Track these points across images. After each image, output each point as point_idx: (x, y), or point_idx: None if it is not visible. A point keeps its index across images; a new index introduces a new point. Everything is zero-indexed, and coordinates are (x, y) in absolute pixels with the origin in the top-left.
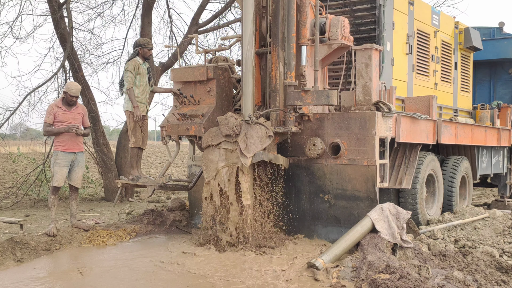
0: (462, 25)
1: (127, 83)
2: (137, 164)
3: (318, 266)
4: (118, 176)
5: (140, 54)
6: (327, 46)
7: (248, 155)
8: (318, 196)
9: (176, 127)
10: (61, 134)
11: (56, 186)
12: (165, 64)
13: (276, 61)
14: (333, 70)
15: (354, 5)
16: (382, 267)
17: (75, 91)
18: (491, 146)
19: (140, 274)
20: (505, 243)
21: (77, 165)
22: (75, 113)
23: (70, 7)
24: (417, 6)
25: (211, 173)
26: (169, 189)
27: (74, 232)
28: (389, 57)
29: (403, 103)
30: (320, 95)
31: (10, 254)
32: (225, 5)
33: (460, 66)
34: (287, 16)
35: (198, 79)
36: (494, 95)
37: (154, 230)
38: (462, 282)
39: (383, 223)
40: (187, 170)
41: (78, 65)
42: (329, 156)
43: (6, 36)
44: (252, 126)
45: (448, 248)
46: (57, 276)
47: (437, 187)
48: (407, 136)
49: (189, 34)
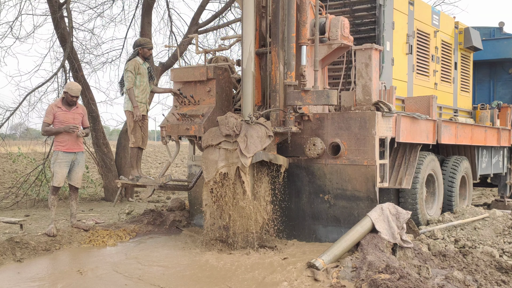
0: (462, 25)
1: (127, 83)
2: (137, 164)
3: (318, 266)
4: (118, 176)
5: (140, 54)
6: (327, 46)
7: (248, 155)
8: (318, 196)
9: (176, 127)
10: (61, 134)
11: (56, 186)
12: (165, 64)
13: (276, 61)
14: (333, 70)
15: (354, 5)
16: (382, 267)
17: (75, 91)
18: (491, 146)
19: (140, 274)
20: (505, 243)
21: (77, 165)
22: (75, 113)
23: (70, 7)
24: (417, 6)
25: (211, 173)
26: (169, 189)
27: (74, 232)
28: (389, 57)
29: (403, 103)
30: (320, 95)
31: (10, 254)
32: (225, 5)
33: (460, 66)
34: (287, 16)
35: (198, 79)
36: (494, 95)
37: (154, 230)
38: (462, 282)
39: (383, 223)
40: (187, 170)
41: (78, 65)
42: (329, 156)
43: (6, 36)
44: (252, 126)
45: (448, 248)
46: (57, 276)
47: (437, 187)
48: (407, 136)
49: (189, 34)
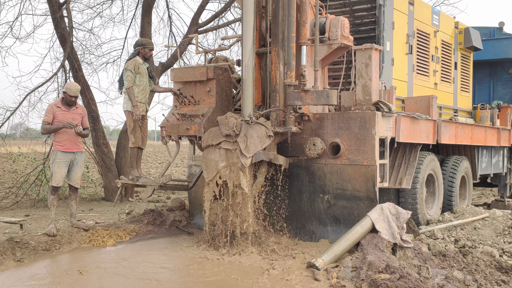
0: (462, 25)
1: (127, 82)
2: (137, 164)
3: (318, 266)
4: (118, 176)
5: (141, 54)
6: (327, 46)
7: (248, 155)
8: (318, 196)
9: (176, 127)
10: (60, 134)
11: (55, 186)
12: (165, 64)
13: (276, 61)
14: (333, 70)
15: (354, 5)
16: (382, 267)
17: (74, 91)
18: (491, 146)
19: (140, 274)
20: (505, 243)
21: (76, 165)
22: (74, 114)
23: (70, 7)
24: (417, 6)
25: (211, 173)
26: (169, 189)
27: (74, 232)
28: (389, 57)
29: (403, 103)
30: (320, 95)
31: (10, 254)
32: (225, 5)
33: (460, 66)
34: (287, 16)
35: (198, 79)
36: (494, 95)
37: (154, 230)
38: (462, 282)
39: (383, 223)
40: (187, 170)
41: (78, 65)
42: (329, 156)
43: (6, 36)
44: (252, 126)
45: (448, 248)
46: (57, 276)
47: (437, 187)
48: (407, 136)
49: (189, 34)
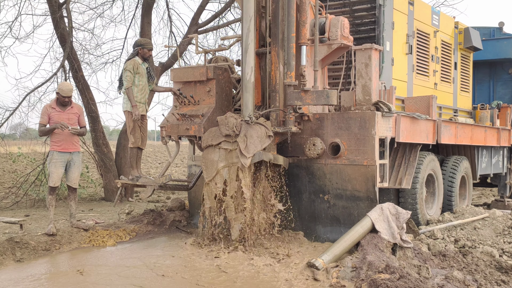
0: (462, 25)
1: (126, 82)
2: (137, 164)
3: (318, 266)
4: (117, 176)
5: (140, 54)
6: (327, 46)
7: (248, 155)
8: (318, 196)
9: (176, 127)
10: (56, 134)
11: (52, 186)
12: (165, 64)
13: (276, 61)
14: (333, 70)
15: (354, 5)
16: (382, 267)
17: (66, 92)
18: (491, 146)
19: (140, 274)
20: (505, 243)
21: (73, 165)
22: (69, 113)
23: (70, 7)
24: (417, 6)
25: (211, 173)
26: (169, 189)
27: (74, 232)
28: (389, 57)
29: (403, 103)
30: (320, 95)
31: (10, 254)
32: (225, 5)
33: (460, 66)
34: (287, 16)
35: (198, 79)
36: (494, 95)
37: (154, 230)
38: (462, 282)
39: (383, 223)
40: (187, 170)
41: (78, 65)
42: (329, 156)
43: (6, 36)
44: (252, 126)
45: (448, 248)
46: (57, 276)
47: (437, 187)
48: (407, 136)
49: (188, 34)
